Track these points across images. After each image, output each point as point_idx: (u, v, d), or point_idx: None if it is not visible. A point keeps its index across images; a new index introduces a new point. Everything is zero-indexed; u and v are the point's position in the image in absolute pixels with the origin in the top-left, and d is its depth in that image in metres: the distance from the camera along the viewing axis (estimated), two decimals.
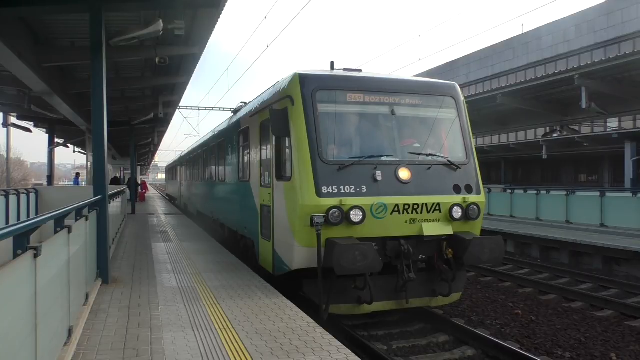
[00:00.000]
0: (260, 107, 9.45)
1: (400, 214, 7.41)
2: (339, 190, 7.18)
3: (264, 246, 9.03)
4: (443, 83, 8.82)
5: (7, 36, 9.43)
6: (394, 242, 7.47)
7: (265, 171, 9.04)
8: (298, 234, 7.28)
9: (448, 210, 7.68)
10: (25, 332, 3.37)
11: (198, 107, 43.65)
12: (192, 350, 5.07)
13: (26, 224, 3.61)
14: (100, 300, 7.10)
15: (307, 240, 7.15)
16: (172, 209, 30.43)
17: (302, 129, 7.41)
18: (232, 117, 13.42)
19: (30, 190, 16.57)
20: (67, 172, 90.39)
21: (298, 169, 7.34)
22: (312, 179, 7.16)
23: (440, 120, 8.42)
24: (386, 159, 7.69)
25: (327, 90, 7.76)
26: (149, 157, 55.51)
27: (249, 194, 10.15)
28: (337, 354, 4.99)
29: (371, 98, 7.96)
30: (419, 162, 7.84)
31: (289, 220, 7.51)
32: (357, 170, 7.39)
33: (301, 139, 7.39)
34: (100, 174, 8.66)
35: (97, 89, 8.40)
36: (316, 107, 7.55)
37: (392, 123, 8.02)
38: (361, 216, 7.11)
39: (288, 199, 7.60)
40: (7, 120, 22.31)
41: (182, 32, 9.62)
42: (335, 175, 7.26)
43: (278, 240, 8.12)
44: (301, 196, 7.19)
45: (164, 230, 17.04)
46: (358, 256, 6.61)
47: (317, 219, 6.90)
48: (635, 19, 32.64)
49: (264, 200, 8.98)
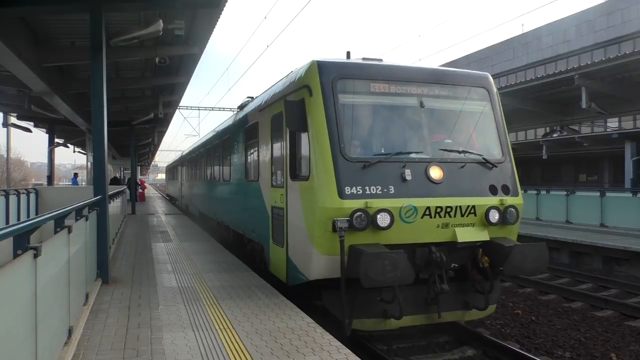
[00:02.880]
0: (271, 100, 8.72)
1: (431, 218, 6.70)
2: (363, 191, 6.47)
3: (275, 252, 8.32)
4: (475, 73, 8.09)
5: (7, 36, 9.42)
6: (424, 249, 6.77)
7: (277, 170, 8.32)
8: (317, 240, 6.56)
9: (484, 214, 6.98)
10: (25, 332, 3.37)
11: (198, 107, 43.61)
12: (192, 350, 5.07)
13: (26, 224, 3.61)
14: (100, 300, 7.09)
15: (328, 248, 6.47)
16: (172, 209, 30.43)
17: (321, 122, 6.70)
18: (237, 113, 12.66)
19: (30, 190, 16.57)
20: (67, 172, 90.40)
21: (317, 167, 6.65)
22: (333, 179, 6.46)
23: (472, 114, 7.70)
24: (415, 156, 6.98)
25: (348, 79, 7.03)
26: (149, 157, 55.51)
27: (258, 195, 9.48)
28: (337, 354, 4.99)
29: (397, 88, 7.22)
30: (451, 160, 7.11)
31: (307, 225, 6.83)
32: (383, 168, 6.69)
33: (320, 133, 6.69)
34: (100, 174, 8.66)
35: (97, 89, 8.40)
36: (337, 98, 6.81)
37: (420, 116, 7.28)
38: (389, 220, 6.41)
39: (305, 201, 6.93)
40: (7, 120, 22.31)
41: (182, 32, 9.63)
42: (359, 174, 6.55)
43: (293, 247, 7.42)
44: (321, 198, 6.49)
45: (164, 230, 17.04)
46: (388, 266, 5.89)
47: (341, 223, 6.19)
48: (635, 19, 32.63)
49: (275, 202, 8.29)
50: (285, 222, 7.65)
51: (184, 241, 13.88)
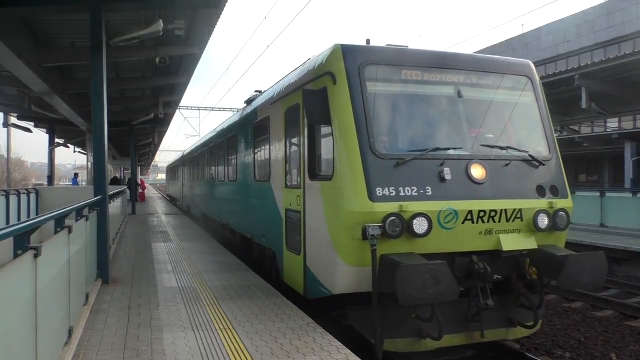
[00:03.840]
0: (285, 92, 7.92)
1: (473, 223, 5.93)
2: (397, 193, 5.70)
3: (290, 260, 7.58)
4: (516, 60, 7.32)
5: (7, 36, 9.43)
6: (464, 259, 6.00)
7: (292, 168, 7.61)
8: (343, 248, 5.81)
9: (531, 218, 6.19)
10: (25, 332, 3.38)
11: (198, 107, 43.71)
12: (192, 350, 5.07)
13: (26, 224, 3.61)
14: (100, 300, 7.09)
15: (356, 258, 5.72)
16: (172, 209, 30.43)
17: (347, 114, 5.94)
18: (244, 108, 11.75)
19: (30, 190, 16.57)
20: (67, 172, 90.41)
21: (342, 165, 5.88)
22: (362, 178, 5.68)
23: (514, 105, 6.93)
24: (454, 153, 6.22)
25: (377, 65, 6.26)
26: (149, 157, 55.51)
27: (269, 196, 8.71)
28: (337, 354, 4.99)
29: (432, 76, 6.46)
30: (494, 157, 6.35)
31: (330, 231, 6.07)
32: (419, 166, 5.93)
33: (346, 126, 5.92)
34: (100, 174, 8.67)
35: (97, 89, 8.40)
36: (364, 86, 6.05)
37: (458, 107, 6.52)
38: (426, 226, 5.65)
39: (328, 204, 6.18)
40: (7, 120, 22.34)
41: (182, 32, 9.63)
42: (391, 172, 5.79)
43: (312, 255, 6.66)
44: (348, 200, 5.73)
45: (164, 230, 17.04)
46: (428, 280, 5.11)
47: (373, 230, 5.41)
48: (635, 19, 32.63)
49: (290, 204, 7.56)
50: (303, 227, 6.93)
51: (184, 241, 13.89)
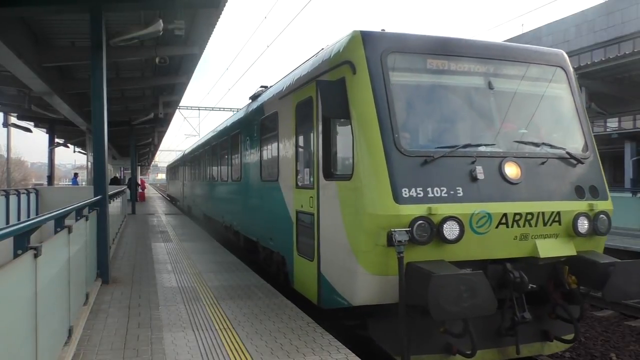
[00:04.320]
0: (295, 85, 7.42)
1: (507, 228, 5.41)
2: (424, 194, 5.20)
3: (302, 267, 7.08)
4: (549, 49, 6.76)
5: (7, 36, 9.43)
6: (497, 267, 5.48)
7: (304, 168, 7.11)
8: (364, 255, 5.31)
9: (571, 222, 5.66)
10: (25, 332, 3.38)
11: (198, 107, 43.76)
12: (192, 350, 5.07)
13: (26, 224, 3.61)
14: (100, 300, 7.09)
15: (379, 266, 5.22)
16: (172, 209, 30.44)
17: (368, 106, 5.44)
18: (249, 105, 11.19)
19: (30, 190, 16.59)
20: (67, 172, 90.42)
21: (363, 164, 5.39)
22: (386, 178, 5.18)
23: (549, 98, 6.43)
24: (486, 150, 5.70)
25: (401, 53, 5.76)
26: (149, 157, 55.54)
27: (277, 197, 8.21)
28: (337, 354, 4.99)
29: (460, 66, 5.96)
30: (529, 155, 5.85)
31: (348, 236, 5.56)
32: (448, 164, 5.43)
33: (368, 120, 5.42)
34: (100, 174, 8.67)
35: (97, 89, 8.40)
36: (387, 76, 5.55)
37: (489, 100, 6.02)
38: (457, 231, 5.13)
39: (346, 206, 5.67)
40: (7, 120, 22.36)
41: (182, 32, 9.63)
42: (418, 171, 5.29)
43: (328, 262, 6.17)
44: (370, 202, 5.23)
45: (164, 230, 17.04)
46: (464, 292, 4.64)
47: (399, 235, 4.91)
48: (635, 19, 32.64)
49: (301, 206, 7.06)
50: (316, 230, 6.42)
51: (184, 241, 13.89)
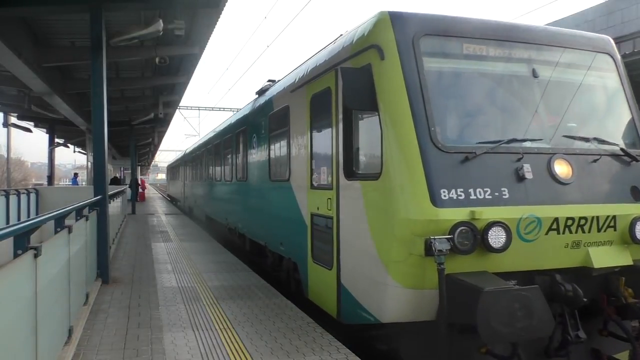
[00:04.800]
0: (311, 75, 6.85)
1: (559, 234, 4.81)
2: (466, 196, 4.62)
3: (318, 275, 6.51)
4: (596, 35, 6.11)
5: (7, 36, 9.44)
6: (544, 279, 4.85)
7: (321, 166, 6.55)
8: (396, 266, 4.71)
9: (627, 227, 5.02)
10: (25, 332, 3.38)
11: (198, 107, 43.76)
12: (192, 350, 5.07)
13: (26, 224, 3.62)
14: (100, 300, 7.09)
15: (414, 278, 4.62)
16: (172, 209, 30.45)
17: (400, 96, 4.84)
18: (256, 100, 10.57)
19: (30, 190, 16.61)
20: (67, 172, 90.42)
21: (395, 161, 4.80)
22: (422, 177, 4.60)
23: (597, 88, 5.82)
24: (532, 145, 5.10)
25: (435, 36, 5.13)
26: (149, 157, 55.58)
27: (288, 198, 7.68)
28: (337, 354, 4.99)
29: (500, 51, 5.33)
30: (579, 151, 5.23)
31: (376, 244, 4.97)
32: (492, 162, 4.85)
33: (400, 111, 4.83)
34: (100, 174, 8.67)
35: (97, 89, 8.40)
36: (421, 62, 4.94)
37: (533, 89, 5.38)
38: (504, 238, 4.53)
39: (373, 209, 5.10)
40: (7, 120, 22.37)
41: (182, 32, 9.64)
42: (458, 170, 4.72)
43: (350, 272, 5.57)
44: (403, 205, 4.65)
45: (164, 230, 17.05)
46: (519, 311, 4.06)
47: (440, 244, 4.32)
48: (635, 19, 32.64)
49: (317, 209, 6.52)
50: (336, 236, 5.86)
51: (184, 241, 13.89)
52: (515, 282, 4.63)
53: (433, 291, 4.43)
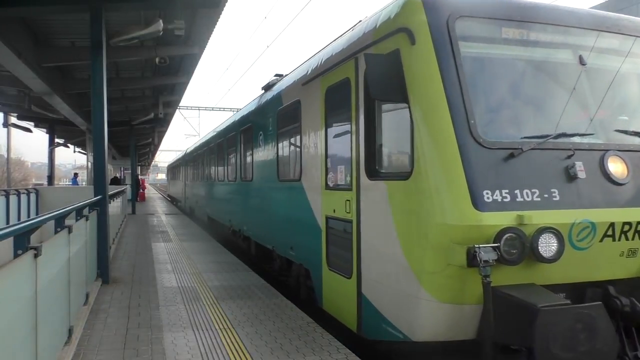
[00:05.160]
0: (326, 66, 6.37)
1: (614, 241, 4.33)
2: (512, 198, 4.13)
3: (335, 284, 6.03)
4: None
5: (7, 36, 9.45)
6: (596, 291, 4.39)
7: (337, 164, 6.07)
8: (431, 278, 4.23)
9: None
10: (25, 332, 3.38)
11: (198, 107, 43.81)
12: (192, 350, 5.07)
13: (26, 224, 3.62)
14: (101, 300, 7.09)
15: (452, 292, 4.15)
16: (172, 209, 30.46)
17: (434, 84, 4.35)
18: (262, 96, 10.13)
19: (30, 190, 16.62)
20: (67, 172, 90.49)
21: (429, 158, 4.27)
22: (462, 176, 4.11)
23: None
24: (583, 141, 4.57)
25: (472, 18, 4.61)
26: (149, 157, 55.60)
27: (300, 199, 7.22)
28: (337, 354, 4.99)
29: (542, 36, 4.81)
30: (635, 148, 4.72)
31: (406, 252, 4.47)
32: (539, 159, 4.33)
33: (434, 101, 4.34)
34: (100, 174, 8.67)
35: (97, 89, 8.41)
36: (457, 47, 4.45)
37: (580, 78, 4.83)
38: (556, 246, 4.07)
39: (401, 213, 4.59)
40: (7, 120, 22.39)
41: (182, 32, 9.65)
42: (502, 168, 4.22)
43: (373, 282, 5.10)
44: (439, 208, 4.15)
45: (164, 230, 17.05)
46: (581, 332, 3.65)
47: (486, 253, 3.85)
48: None
49: (333, 211, 6.03)
50: (356, 241, 5.38)
51: (184, 241, 13.89)
52: (564, 296, 4.19)
53: (474, 306, 4.05)
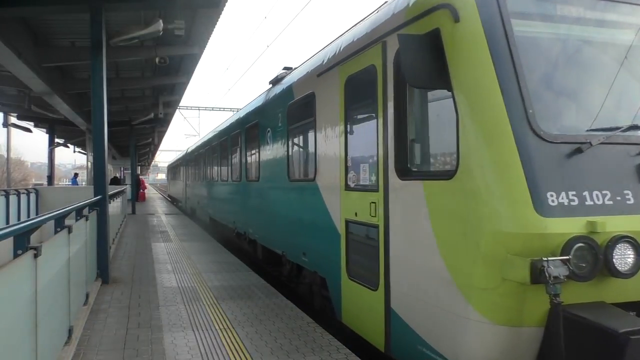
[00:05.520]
0: (346, 53, 5.78)
1: None
2: (580, 201, 3.54)
3: (357, 296, 5.45)
4: None
5: (7, 36, 9.45)
6: None
7: (361, 162, 5.48)
8: (483, 295, 3.58)
9: None
10: (25, 332, 3.38)
11: (198, 107, 43.80)
12: (192, 350, 5.07)
13: (26, 224, 3.61)
14: (100, 300, 7.10)
15: (509, 311, 3.52)
16: (172, 209, 30.46)
17: (484, 68, 3.75)
18: (270, 90, 9.63)
19: (30, 190, 16.62)
20: (67, 172, 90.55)
21: (480, 154, 3.65)
22: (521, 175, 3.49)
23: None
24: None
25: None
26: (149, 157, 55.59)
27: (314, 201, 6.72)
28: (337, 354, 4.99)
29: (602, 14, 4.26)
30: None
31: (449, 263, 3.87)
32: (608, 156, 3.75)
33: (485, 88, 3.73)
34: (100, 174, 8.67)
35: (97, 89, 8.41)
36: (509, 25, 3.85)
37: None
38: (633, 258, 3.49)
39: (442, 217, 3.98)
40: (7, 120, 22.38)
41: (182, 32, 9.65)
42: (568, 166, 3.63)
43: (405, 295, 4.51)
44: (494, 213, 3.51)
45: (164, 230, 17.05)
46: None
47: (555, 268, 3.25)
48: None
49: (355, 214, 5.46)
50: (383, 249, 4.81)
51: (184, 241, 13.89)
52: (635, 315, 3.63)
53: (533, 329, 3.51)
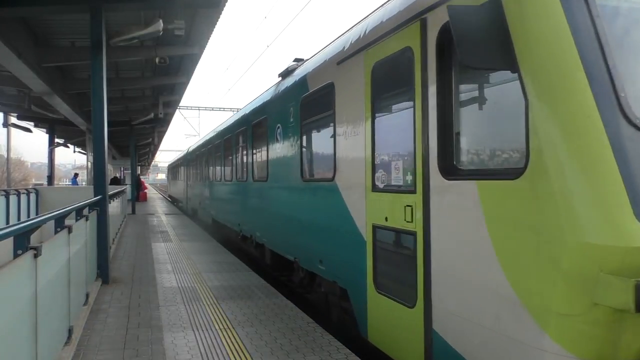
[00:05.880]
0: (373, 36, 5.12)
1: None
2: None
3: (387, 312, 4.82)
4: None
5: (7, 36, 9.45)
6: None
7: (392, 160, 4.81)
8: (565, 323, 2.96)
9: None
10: (25, 332, 3.38)
11: (198, 107, 43.86)
12: (192, 350, 5.07)
13: (26, 224, 3.61)
14: (100, 300, 7.10)
15: (599, 343, 2.92)
16: (172, 209, 30.46)
17: (563, 44, 3.08)
18: (280, 83, 8.97)
19: (30, 190, 16.62)
20: (67, 172, 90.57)
21: (558, 148, 2.99)
22: (616, 174, 2.84)
23: None
24: None
25: None
26: (149, 157, 55.59)
27: (334, 203, 6.10)
28: (337, 354, 4.99)
29: None
30: None
31: (513, 280, 3.24)
32: None
33: (564, 68, 3.05)
34: (100, 174, 8.67)
35: (97, 89, 8.41)
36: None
37: None
38: None
39: (505, 224, 3.33)
40: (7, 120, 22.39)
41: (182, 32, 9.65)
42: None
43: (451, 316, 3.86)
44: (579, 221, 2.87)
45: (164, 230, 17.05)
46: None
47: None
48: None
49: (385, 219, 4.84)
50: (423, 260, 4.19)
51: (184, 241, 13.89)
52: None
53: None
